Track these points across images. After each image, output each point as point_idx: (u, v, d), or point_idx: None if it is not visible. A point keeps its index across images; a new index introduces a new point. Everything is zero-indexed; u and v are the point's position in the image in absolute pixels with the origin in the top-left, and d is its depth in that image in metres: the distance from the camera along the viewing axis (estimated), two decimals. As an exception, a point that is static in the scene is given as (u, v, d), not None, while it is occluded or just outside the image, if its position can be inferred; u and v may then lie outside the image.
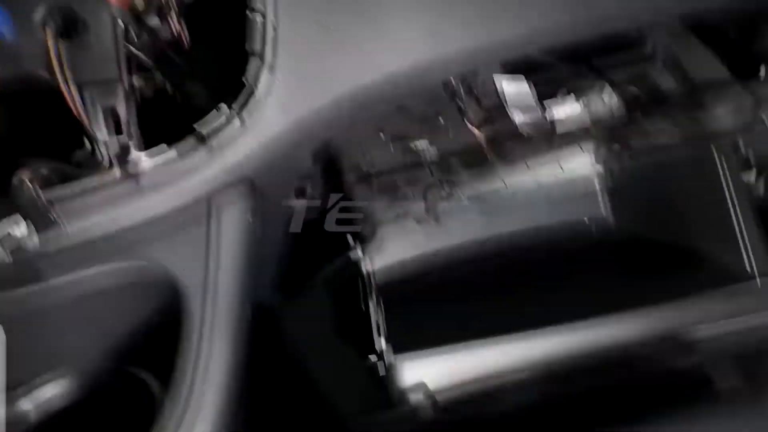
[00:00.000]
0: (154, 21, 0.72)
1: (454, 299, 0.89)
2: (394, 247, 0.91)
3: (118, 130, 0.60)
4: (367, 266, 0.80)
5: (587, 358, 0.86)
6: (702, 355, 0.89)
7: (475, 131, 0.81)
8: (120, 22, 0.63)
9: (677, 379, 0.96)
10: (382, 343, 0.81)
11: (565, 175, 0.77)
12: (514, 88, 0.83)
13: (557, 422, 0.88)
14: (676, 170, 0.91)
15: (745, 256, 0.87)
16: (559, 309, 0.88)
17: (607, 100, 0.83)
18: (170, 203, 0.61)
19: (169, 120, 0.71)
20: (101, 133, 0.60)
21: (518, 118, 0.81)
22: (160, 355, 0.62)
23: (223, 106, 0.63)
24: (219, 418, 0.58)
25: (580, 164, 0.78)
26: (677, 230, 0.96)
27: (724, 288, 0.87)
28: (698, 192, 0.91)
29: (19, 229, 0.59)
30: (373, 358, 0.82)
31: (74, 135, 0.62)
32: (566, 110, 0.82)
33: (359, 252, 0.75)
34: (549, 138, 0.80)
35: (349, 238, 0.75)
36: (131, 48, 0.68)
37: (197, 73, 0.75)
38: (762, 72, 1.01)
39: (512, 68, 0.85)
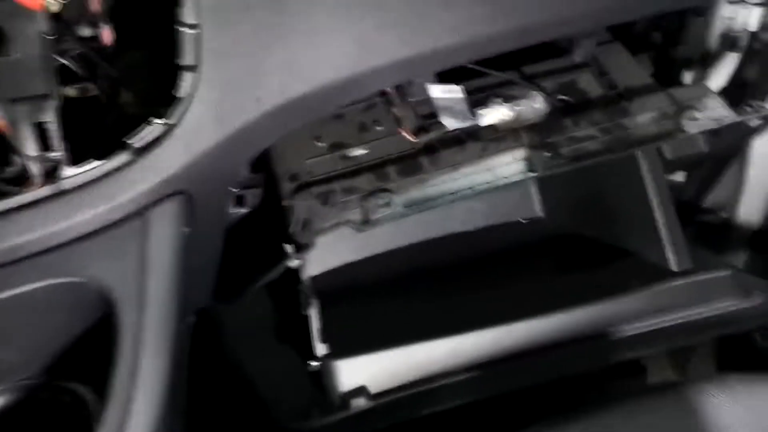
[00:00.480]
0: (85, 31, 0.71)
1: (392, 303, 0.91)
2: (331, 254, 0.92)
3: (48, 146, 0.60)
4: (305, 273, 0.81)
5: (523, 356, 0.89)
6: (632, 351, 0.93)
7: (411, 139, 0.83)
8: (48, 34, 0.62)
9: (610, 374, 0.99)
10: (321, 348, 0.82)
11: (499, 180, 0.79)
12: (447, 97, 0.85)
13: (495, 420, 0.91)
14: (604, 173, 0.94)
15: (667, 255, 0.91)
16: (496, 309, 0.91)
17: (537, 107, 0.86)
18: (103, 218, 0.60)
19: (101, 132, 0.71)
20: (30, 149, 0.59)
21: (452, 125, 0.83)
22: (96, 368, 0.61)
23: (156, 118, 0.63)
24: (157, 428, 0.58)
25: (513, 169, 0.81)
26: (607, 230, 1.00)
27: (650, 286, 0.91)
28: (623, 193, 0.95)
29: (-53, 247, 0.58)
30: (313, 363, 0.83)
31: (2, 152, 0.61)
32: (499, 117, 0.85)
33: (297, 259, 0.75)
34: (482, 144, 0.83)
35: (287, 245, 0.75)
36: (61, 59, 0.68)
37: (130, 84, 0.74)
38: (685, 78, 1.06)
39: (446, 77, 0.87)
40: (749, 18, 1.00)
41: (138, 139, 0.61)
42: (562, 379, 0.93)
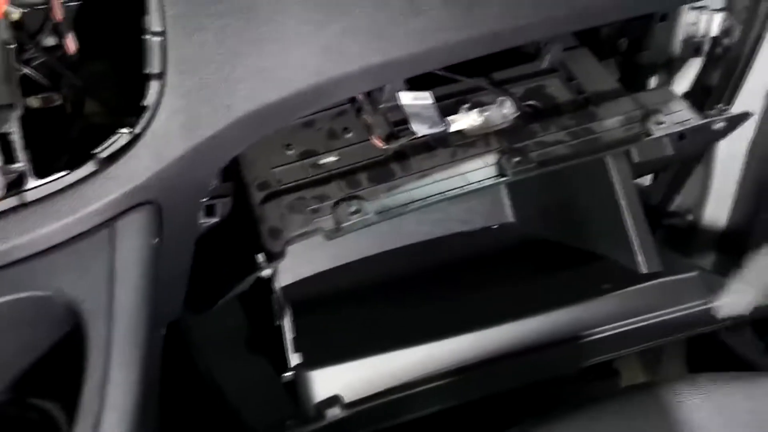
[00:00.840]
0: (48, 40, 0.70)
1: (365, 311, 0.91)
2: (303, 263, 0.92)
3: (12, 157, 0.58)
4: (277, 283, 0.80)
5: (497, 361, 0.89)
6: (604, 354, 0.94)
7: (381, 145, 0.83)
8: (9, 43, 0.61)
9: (583, 378, 1.00)
10: (294, 358, 0.81)
11: (470, 185, 0.80)
12: (417, 103, 0.85)
13: (471, 425, 0.91)
14: (573, 178, 0.95)
15: (637, 258, 0.92)
16: (469, 315, 0.91)
17: (506, 113, 0.86)
18: (69, 230, 0.59)
19: (66, 143, 0.69)
20: (-7, 161, 0.58)
21: (422, 131, 0.83)
22: (65, 384, 0.60)
23: (124, 128, 0.62)
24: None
25: (483, 174, 0.81)
26: (577, 235, 1.01)
27: (621, 289, 0.92)
28: (593, 197, 0.96)
29: None
30: (287, 374, 0.82)
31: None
32: (468, 123, 0.85)
33: (268, 269, 0.75)
34: (452, 150, 0.83)
35: (259, 255, 0.75)
36: (24, 69, 0.67)
37: (96, 94, 0.73)
38: (650, 83, 1.08)
39: (416, 84, 0.87)
40: (711, 24, 1.02)
41: (104, 149, 0.60)
42: (536, 383, 0.93)
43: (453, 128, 0.85)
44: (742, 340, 1.02)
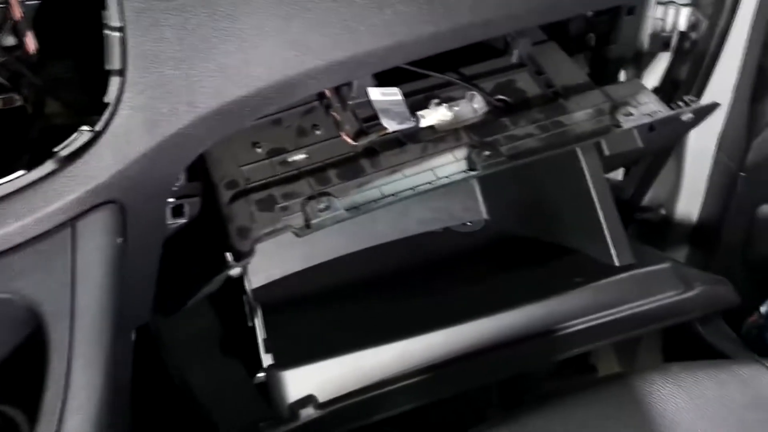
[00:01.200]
0: (7, 40, 0.69)
1: (338, 310, 0.90)
2: (274, 262, 0.91)
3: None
4: (248, 283, 0.79)
5: (472, 357, 0.88)
6: (580, 346, 0.94)
7: (351, 142, 0.82)
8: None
9: (560, 371, 1.00)
10: (267, 359, 0.80)
11: (440, 180, 0.79)
12: (386, 99, 0.85)
13: (447, 421, 0.90)
14: (545, 173, 0.95)
15: (610, 251, 0.92)
16: (443, 311, 0.91)
17: (476, 107, 0.86)
18: (30, 230, 0.58)
19: (28, 144, 0.68)
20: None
21: (392, 127, 0.82)
22: (27, 388, 0.59)
23: (85, 126, 0.61)
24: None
25: (454, 168, 0.81)
26: (550, 229, 1.01)
27: (594, 282, 0.92)
28: (565, 192, 0.96)
29: None
30: (259, 375, 0.81)
31: None
32: (438, 118, 0.85)
33: (238, 268, 0.74)
34: (422, 146, 0.82)
35: (228, 255, 0.74)
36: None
37: (57, 93, 0.72)
38: (621, 76, 1.08)
39: (385, 80, 0.86)
40: (678, 18, 1.03)
41: (64, 148, 0.59)
42: (513, 379, 0.93)
43: (423, 124, 0.84)
44: (715, 330, 1.03)
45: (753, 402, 0.65)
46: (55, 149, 0.59)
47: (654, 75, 1.10)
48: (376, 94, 0.84)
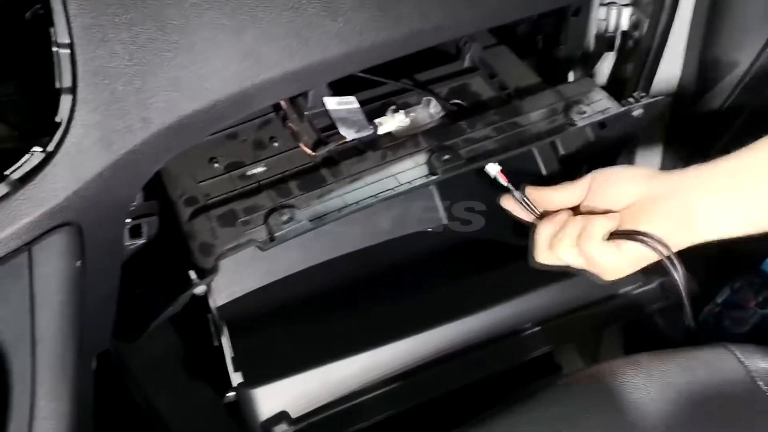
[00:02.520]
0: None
1: (304, 323, 0.89)
2: (238, 278, 0.89)
3: None
4: (212, 301, 0.77)
5: (440, 362, 0.88)
6: (545, 346, 0.95)
7: (310, 153, 0.82)
8: None
9: (526, 373, 1.00)
10: (236, 377, 0.78)
11: (401, 186, 0.79)
12: (343, 108, 0.84)
13: (422, 428, 0.90)
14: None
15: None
16: (410, 319, 0.90)
17: (432, 112, 0.87)
18: (-17, 257, 0.56)
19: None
20: None
21: (350, 135, 0.82)
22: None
23: (37, 148, 0.59)
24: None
25: (414, 174, 0.81)
26: (510, 231, 1.01)
27: (556, 281, 0.93)
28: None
29: None
30: (229, 394, 0.80)
31: None
32: (395, 125, 0.85)
33: (202, 286, 0.72)
34: (382, 152, 0.82)
35: (192, 273, 0.72)
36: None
37: (6, 115, 0.70)
38: (570, 78, 1.10)
39: (340, 88, 0.86)
40: (620, 18, 1.05)
41: (15, 170, 0.57)
42: (482, 381, 0.93)
43: (381, 131, 0.84)
44: (673, 321, 1.05)
45: (721, 385, 0.66)
46: (7, 172, 0.57)
47: (601, 74, 1.12)
48: (332, 103, 0.84)
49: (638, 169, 0.75)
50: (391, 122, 0.85)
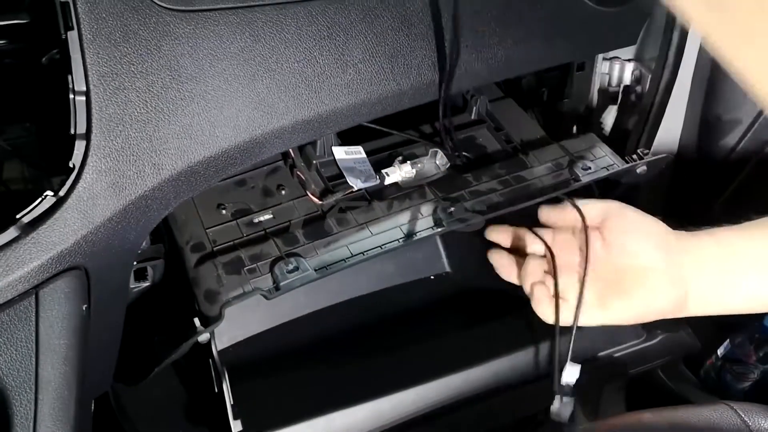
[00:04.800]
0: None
1: (305, 370, 0.88)
2: (241, 321, 0.89)
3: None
4: (214, 347, 0.77)
5: (441, 414, 0.87)
6: (546, 400, 0.94)
7: (317, 201, 0.82)
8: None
9: (527, 426, 0.99)
10: (236, 426, 0.77)
11: (407, 237, 0.79)
12: (351, 158, 0.85)
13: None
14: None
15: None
16: (412, 369, 0.90)
17: (439, 164, 0.88)
18: (-10, 301, 0.56)
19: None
20: None
21: (357, 185, 0.83)
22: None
23: (49, 192, 0.59)
24: None
25: (420, 225, 0.81)
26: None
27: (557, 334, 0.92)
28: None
29: None
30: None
31: None
32: (402, 175, 0.86)
33: (205, 333, 0.72)
34: (388, 203, 0.83)
35: (195, 320, 0.72)
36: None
37: (19, 156, 0.70)
38: (573, 130, 1.12)
39: (349, 138, 0.87)
40: (623, 73, 1.07)
41: (27, 213, 0.58)
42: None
43: (388, 181, 0.85)
44: (676, 375, 1.04)
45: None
46: (18, 215, 0.58)
47: (604, 127, 1.14)
48: (340, 152, 0.85)
49: (653, 224, 0.69)
50: (398, 173, 0.85)
